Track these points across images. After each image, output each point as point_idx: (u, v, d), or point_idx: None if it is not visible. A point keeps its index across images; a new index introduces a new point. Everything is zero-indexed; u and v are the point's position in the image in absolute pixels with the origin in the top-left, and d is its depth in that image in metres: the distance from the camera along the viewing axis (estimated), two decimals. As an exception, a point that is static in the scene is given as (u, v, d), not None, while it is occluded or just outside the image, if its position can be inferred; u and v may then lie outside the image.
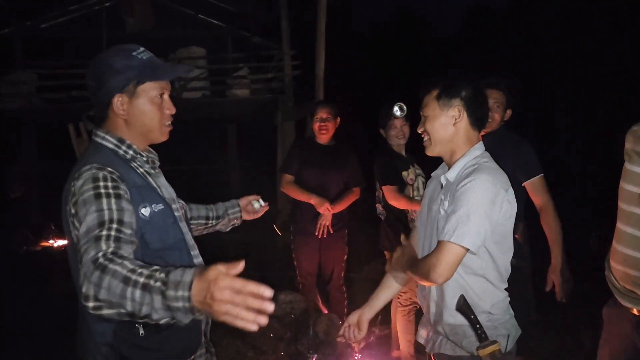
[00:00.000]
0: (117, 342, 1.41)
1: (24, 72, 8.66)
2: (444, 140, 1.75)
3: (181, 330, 1.41)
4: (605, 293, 1.99)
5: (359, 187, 3.66)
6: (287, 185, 3.63)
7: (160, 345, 1.45)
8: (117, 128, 1.53)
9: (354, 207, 3.72)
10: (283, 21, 8.78)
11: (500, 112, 2.66)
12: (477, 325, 1.60)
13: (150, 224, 1.45)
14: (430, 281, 1.63)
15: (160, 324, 1.18)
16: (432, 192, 1.87)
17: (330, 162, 3.60)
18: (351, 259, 3.82)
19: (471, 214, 1.58)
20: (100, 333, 1.41)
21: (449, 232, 1.59)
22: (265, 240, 7.61)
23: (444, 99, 1.73)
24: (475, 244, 1.58)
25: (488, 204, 1.61)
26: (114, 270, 1.16)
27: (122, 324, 1.37)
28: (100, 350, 1.43)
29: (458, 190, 1.64)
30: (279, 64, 9.11)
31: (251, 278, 1.08)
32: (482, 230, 1.59)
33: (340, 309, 3.68)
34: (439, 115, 1.73)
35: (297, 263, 3.67)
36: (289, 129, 8.72)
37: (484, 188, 1.61)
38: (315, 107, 3.69)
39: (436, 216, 1.75)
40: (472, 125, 1.74)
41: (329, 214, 3.46)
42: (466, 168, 1.70)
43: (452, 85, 1.74)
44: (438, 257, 1.59)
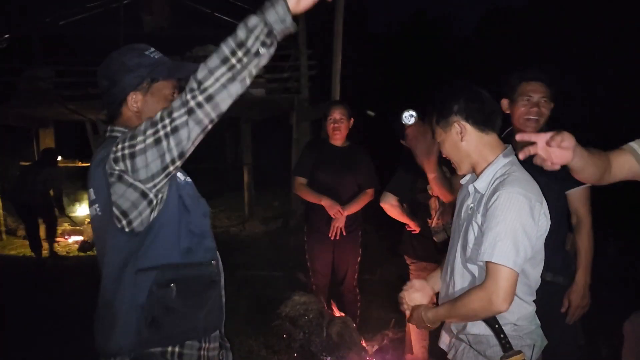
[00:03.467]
0: (150, 302, 1.45)
1: (42, 68, 8.76)
2: (463, 157, 1.72)
3: (207, 300, 1.55)
4: (624, 301, 1.93)
5: (372, 189, 3.62)
6: (300, 188, 3.60)
7: (190, 312, 1.51)
8: (132, 124, 1.55)
9: (368, 208, 3.68)
10: (300, 21, 8.77)
11: (548, 106, 2.34)
12: (501, 334, 1.57)
13: (185, 189, 1.55)
14: (495, 312, 1.55)
15: (191, 289, 1.46)
16: (462, 199, 1.83)
17: (343, 163, 3.57)
18: (364, 260, 3.78)
19: (510, 231, 1.52)
20: (135, 295, 1.45)
21: (487, 252, 1.53)
22: (278, 240, 7.62)
23: (442, 122, 1.72)
24: (517, 263, 1.52)
25: (526, 219, 1.55)
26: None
27: (157, 284, 1.45)
28: (129, 319, 1.46)
29: (491, 205, 1.57)
30: (295, 64, 9.11)
31: (263, 278, 1.07)
32: (522, 248, 1.53)
33: (354, 310, 3.65)
34: (446, 137, 1.73)
35: (311, 264, 3.65)
36: (305, 129, 8.72)
37: (519, 203, 1.54)
38: (329, 108, 3.65)
39: (464, 225, 1.72)
40: (481, 131, 1.68)
41: (342, 217, 3.43)
42: (496, 178, 1.63)
43: (443, 105, 1.72)
44: (493, 285, 1.52)
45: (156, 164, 1.38)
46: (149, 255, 1.46)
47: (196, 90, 1.32)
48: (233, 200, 11.38)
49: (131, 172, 1.38)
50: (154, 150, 1.36)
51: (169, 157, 1.38)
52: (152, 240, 1.46)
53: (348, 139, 3.65)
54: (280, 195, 10.72)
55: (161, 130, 1.36)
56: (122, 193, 1.41)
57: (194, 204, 1.56)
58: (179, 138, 1.35)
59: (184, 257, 1.50)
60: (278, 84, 9.38)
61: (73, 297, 4.78)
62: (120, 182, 1.40)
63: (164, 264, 1.47)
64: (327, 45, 7.58)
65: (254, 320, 3.93)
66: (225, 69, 1.32)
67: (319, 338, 2.93)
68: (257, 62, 1.35)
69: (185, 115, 1.33)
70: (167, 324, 1.47)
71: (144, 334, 1.46)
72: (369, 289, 4.60)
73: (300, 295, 3.06)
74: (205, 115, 1.34)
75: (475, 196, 1.70)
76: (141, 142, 1.37)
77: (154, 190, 1.42)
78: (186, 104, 1.33)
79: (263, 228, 9.00)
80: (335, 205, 3.42)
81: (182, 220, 1.51)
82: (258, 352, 3.52)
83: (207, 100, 1.33)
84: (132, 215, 1.42)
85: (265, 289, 5.09)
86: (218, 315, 1.64)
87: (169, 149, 1.36)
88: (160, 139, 1.36)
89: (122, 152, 1.39)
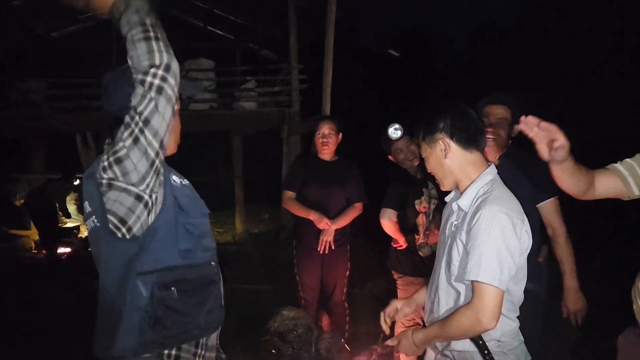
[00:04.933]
0: (152, 303, 1.46)
1: (34, 80, 8.75)
2: (446, 173, 1.74)
3: (208, 299, 1.58)
4: (610, 316, 1.96)
5: (361, 203, 3.64)
6: (288, 202, 3.61)
7: (192, 310, 1.52)
8: None
9: (357, 222, 3.70)
10: (291, 36, 8.86)
11: (506, 128, 2.51)
12: (485, 351, 1.59)
13: (182, 191, 1.57)
14: (482, 330, 1.57)
15: (191, 289, 1.50)
16: (447, 216, 1.86)
17: (332, 178, 3.58)
18: (353, 275, 3.79)
19: (493, 250, 1.54)
20: (136, 298, 1.46)
21: (473, 271, 1.55)
22: (268, 254, 7.61)
23: (427, 138, 1.75)
24: (502, 282, 1.54)
25: (509, 237, 1.57)
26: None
27: (158, 286, 1.47)
28: (131, 321, 1.46)
29: (474, 224, 1.59)
30: (286, 78, 9.18)
31: (253, 292, 1.10)
32: (506, 266, 1.56)
33: (342, 324, 3.65)
34: (430, 153, 1.75)
35: (299, 278, 3.65)
36: (295, 143, 8.76)
37: (502, 221, 1.56)
38: (317, 123, 3.66)
39: (449, 242, 1.74)
40: (465, 149, 1.71)
41: (331, 230, 3.45)
42: (478, 196, 1.66)
43: (429, 122, 1.75)
44: (480, 303, 1.54)
45: (143, 162, 1.40)
46: (149, 258, 1.47)
47: (155, 68, 1.37)
48: (223, 213, 11.35)
49: (122, 176, 1.40)
50: (136, 150, 1.39)
51: (152, 152, 1.40)
52: (150, 244, 1.47)
53: (337, 154, 3.68)
54: (271, 208, 10.71)
55: (135, 127, 1.38)
56: (116, 199, 1.42)
57: (192, 205, 1.58)
58: (154, 128, 1.39)
59: (184, 259, 1.52)
60: (269, 97, 9.44)
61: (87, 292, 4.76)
62: (112, 189, 1.42)
63: (164, 266, 1.48)
64: (318, 60, 7.65)
65: (243, 335, 3.91)
66: (153, 40, 1.39)
67: (307, 353, 2.92)
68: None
69: (152, 102, 1.37)
70: (170, 323, 1.48)
71: (148, 334, 1.46)
72: (358, 303, 4.59)
73: (289, 310, 3.05)
74: (170, 86, 1.39)
75: (459, 214, 1.72)
76: (122, 148, 1.39)
77: (147, 191, 1.43)
78: (150, 88, 1.37)
79: (253, 241, 8.98)
80: (323, 218, 3.43)
81: (179, 221, 1.52)
82: (247, 368, 3.51)
83: (166, 70, 1.38)
84: (131, 221, 1.43)
85: (254, 303, 5.07)
86: (219, 313, 1.65)
87: (148, 143, 1.39)
88: (137, 137, 1.38)
89: (109, 161, 1.41)
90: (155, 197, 1.46)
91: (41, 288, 5.77)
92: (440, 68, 18.62)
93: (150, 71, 1.36)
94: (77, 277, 5.55)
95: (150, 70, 1.36)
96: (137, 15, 1.40)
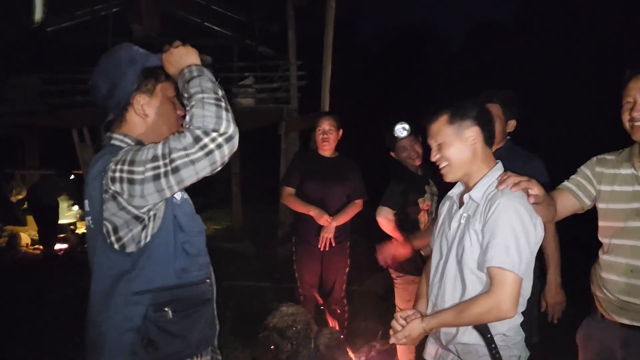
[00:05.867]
0: (145, 325, 1.44)
1: (28, 76, 8.68)
2: (464, 163, 1.73)
3: (201, 319, 1.55)
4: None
5: (361, 200, 3.62)
6: (288, 198, 3.59)
7: (185, 331, 1.50)
8: (135, 130, 1.54)
9: (356, 219, 3.68)
10: (290, 32, 8.82)
11: (498, 125, 2.54)
12: (492, 344, 1.59)
13: (181, 208, 1.52)
14: (504, 318, 1.58)
15: (185, 310, 1.47)
16: (448, 210, 1.85)
17: (332, 174, 3.57)
18: (353, 271, 3.77)
19: (513, 238, 1.56)
20: (129, 318, 1.44)
21: (495, 258, 1.55)
22: (266, 251, 7.58)
23: (457, 122, 1.72)
24: (520, 269, 1.56)
25: (527, 226, 1.59)
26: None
27: (152, 307, 1.44)
28: (124, 340, 1.44)
29: (492, 213, 1.60)
30: (284, 74, 9.14)
31: (251, 289, 1.08)
32: (524, 254, 1.57)
33: (341, 321, 3.63)
34: (455, 139, 1.72)
35: (299, 275, 3.63)
36: (293, 139, 8.73)
37: (520, 212, 1.59)
38: (318, 119, 3.66)
39: (457, 233, 1.73)
40: (486, 143, 1.75)
41: (332, 227, 3.42)
42: (491, 189, 1.68)
43: (461, 107, 1.74)
44: (501, 292, 1.54)
45: (153, 197, 1.36)
46: (144, 277, 1.44)
47: (218, 134, 1.34)
48: (220, 210, 11.32)
49: (127, 196, 1.36)
50: (152, 185, 1.34)
51: (168, 193, 1.37)
52: (145, 262, 1.44)
53: (337, 150, 3.66)
54: (269, 205, 10.68)
55: (161, 168, 1.33)
56: (115, 212, 1.39)
57: (190, 223, 1.55)
58: (181, 177, 1.34)
59: (179, 278, 1.49)
60: (267, 94, 9.40)
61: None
62: (114, 201, 1.38)
63: (159, 286, 1.45)
64: (317, 57, 7.62)
65: (241, 331, 3.89)
66: (224, 109, 1.38)
67: (306, 349, 2.91)
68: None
69: (190, 158, 1.32)
70: (163, 345, 1.46)
71: (140, 355, 1.44)
72: (357, 300, 4.58)
73: (287, 306, 3.03)
74: (221, 156, 1.36)
75: (470, 204, 1.72)
76: (140, 173, 1.34)
77: (147, 214, 1.40)
78: (202, 148, 1.32)
79: (250, 238, 8.95)
80: (324, 214, 3.41)
81: (177, 240, 1.49)
82: (245, 365, 3.49)
83: (227, 140, 1.35)
84: (122, 232, 1.40)
85: (252, 299, 5.05)
86: (211, 330, 1.63)
87: (169, 187, 1.35)
88: (159, 176, 1.33)
89: (120, 175, 1.36)
90: (155, 214, 1.43)
91: (38, 285, 5.74)
92: (439, 65, 18.62)
93: (211, 134, 1.32)
94: (73, 274, 5.51)
95: (212, 134, 1.32)
96: (212, 84, 1.42)
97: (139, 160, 1.35)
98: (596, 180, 1.95)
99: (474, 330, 1.62)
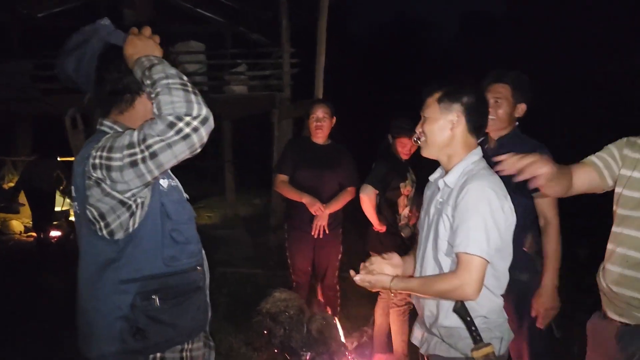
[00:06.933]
0: (133, 313, 1.45)
1: (20, 61, 8.58)
2: (440, 143, 1.76)
3: (192, 306, 1.55)
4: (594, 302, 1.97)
5: (354, 187, 3.65)
6: (281, 185, 3.61)
7: (176, 319, 1.50)
8: (127, 119, 1.53)
9: (349, 207, 3.71)
10: (283, 19, 8.76)
11: (505, 107, 2.43)
12: (472, 327, 1.63)
13: (168, 196, 1.52)
14: (465, 298, 1.63)
15: (174, 298, 1.47)
16: (430, 195, 1.88)
17: (325, 161, 3.59)
18: (345, 259, 3.81)
19: (481, 222, 1.60)
20: (117, 306, 1.45)
21: (463, 243, 1.60)
22: (259, 238, 7.61)
23: (445, 103, 1.74)
24: (488, 254, 1.60)
25: (496, 211, 1.62)
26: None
27: (140, 295, 1.44)
28: (113, 328, 1.45)
29: (462, 198, 1.64)
30: (277, 62, 9.09)
31: (244, 276, 1.10)
32: (492, 238, 1.61)
33: (333, 307, 3.68)
34: (438, 118, 1.75)
35: (291, 261, 3.66)
36: (286, 127, 8.71)
37: (489, 196, 1.62)
38: (311, 106, 3.68)
39: (434, 219, 1.77)
40: (470, 132, 1.76)
41: (325, 214, 3.45)
42: (465, 174, 1.71)
43: (454, 89, 1.75)
44: (467, 275, 1.59)
45: (135, 182, 1.36)
46: (131, 266, 1.44)
47: (191, 118, 1.32)
48: (213, 198, 11.31)
49: (109, 182, 1.36)
50: (131, 171, 1.34)
51: (149, 177, 1.36)
52: (132, 251, 1.44)
53: (330, 138, 3.68)
54: (261, 193, 10.69)
55: (138, 154, 1.32)
56: (100, 198, 1.39)
57: (178, 210, 1.54)
58: (159, 162, 1.33)
59: (168, 266, 1.49)
60: (260, 81, 9.35)
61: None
62: (98, 187, 1.38)
63: (147, 274, 1.46)
64: (310, 44, 7.58)
65: (234, 317, 3.92)
66: (192, 93, 1.36)
67: (299, 334, 2.94)
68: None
69: (166, 142, 1.31)
70: (152, 333, 1.47)
71: (129, 343, 1.45)
72: (349, 286, 4.61)
73: (280, 291, 3.06)
74: (199, 138, 1.35)
75: (445, 190, 1.76)
76: (118, 160, 1.34)
77: (132, 198, 1.40)
78: (178, 132, 1.31)
79: (243, 226, 8.97)
80: (316, 202, 3.44)
81: (165, 228, 1.49)
82: (238, 349, 3.53)
83: (202, 122, 1.34)
84: (110, 219, 1.40)
85: (245, 286, 5.08)
86: (203, 317, 1.64)
87: (148, 171, 1.34)
88: (136, 163, 1.33)
89: (100, 161, 1.36)
90: (142, 201, 1.43)
91: (31, 272, 5.73)
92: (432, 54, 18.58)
93: (185, 119, 1.31)
94: (67, 261, 5.51)
95: (185, 118, 1.31)
96: (174, 70, 1.40)
97: (117, 146, 1.35)
98: (621, 161, 1.84)
99: (454, 314, 1.67)
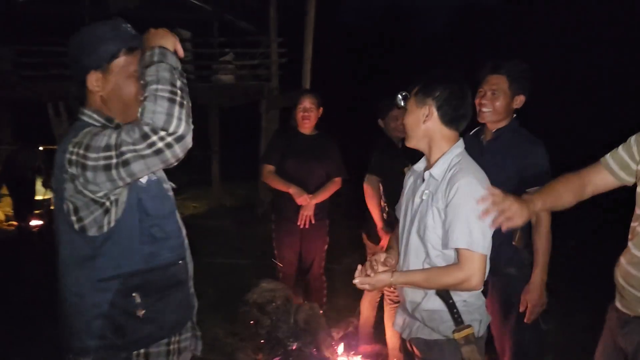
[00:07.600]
0: (113, 311, 1.43)
1: (1, 47, 8.40)
2: (416, 135, 1.83)
3: (174, 301, 1.54)
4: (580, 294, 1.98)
5: (340, 178, 3.65)
6: (268, 176, 3.60)
7: (157, 315, 1.49)
8: (101, 109, 1.50)
9: (336, 197, 3.70)
10: (271, 8, 8.68)
11: (502, 99, 2.38)
12: (454, 309, 1.71)
13: (147, 191, 1.48)
14: (471, 290, 1.72)
15: (156, 293, 1.45)
16: (412, 184, 1.92)
17: (311, 152, 3.58)
18: (331, 250, 3.82)
19: (475, 218, 1.65)
20: (96, 304, 1.43)
21: (463, 240, 1.66)
22: (246, 229, 7.59)
23: (419, 97, 1.81)
24: (485, 247, 1.68)
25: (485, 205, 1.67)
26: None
27: (119, 293, 1.43)
28: (93, 325, 1.44)
29: (454, 195, 1.68)
30: (265, 51, 9.02)
31: (231, 266, 1.08)
32: (487, 233, 1.69)
33: (320, 298, 3.68)
34: (414, 111, 1.82)
35: (278, 252, 3.66)
36: (274, 117, 8.68)
37: (478, 191, 1.67)
38: (299, 96, 3.66)
39: (419, 208, 1.81)
40: (446, 125, 1.79)
41: (311, 204, 3.45)
42: (451, 167, 1.75)
43: (428, 84, 1.80)
44: (471, 269, 1.66)
45: (106, 185, 1.34)
46: (109, 264, 1.42)
47: (166, 134, 1.29)
48: (200, 188, 11.24)
49: (82, 180, 1.34)
50: (103, 174, 1.32)
51: (121, 183, 1.35)
52: (110, 249, 1.42)
53: (317, 128, 3.66)
54: (248, 183, 10.66)
55: (112, 159, 1.30)
56: (73, 194, 1.37)
57: (157, 205, 1.51)
58: (132, 171, 1.32)
59: (147, 263, 1.47)
60: (248, 70, 9.27)
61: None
62: (72, 183, 1.36)
63: (126, 272, 1.44)
64: (299, 34, 7.54)
65: (220, 307, 3.91)
66: (177, 105, 1.32)
67: (285, 324, 2.95)
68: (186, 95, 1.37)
69: (139, 154, 1.29)
70: (133, 330, 1.45)
71: (110, 339, 1.44)
72: (336, 278, 4.63)
73: (267, 282, 3.06)
74: (173, 155, 1.32)
75: (431, 181, 1.80)
76: (93, 160, 1.32)
77: (105, 197, 1.38)
78: (150, 146, 1.28)
79: (230, 216, 8.94)
80: (303, 194, 3.43)
81: (143, 225, 1.46)
82: (224, 339, 3.51)
83: (177, 140, 1.30)
84: (83, 214, 1.38)
85: (232, 276, 5.07)
86: (187, 310, 1.62)
87: (120, 178, 1.33)
88: (109, 167, 1.31)
89: (76, 158, 1.34)
90: (116, 198, 1.40)
91: (12, 261, 5.66)
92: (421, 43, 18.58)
93: (160, 133, 1.28)
94: (48, 250, 5.44)
95: (160, 132, 1.28)
96: (169, 73, 1.35)
97: (94, 146, 1.33)
98: (639, 157, 1.77)
99: (437, 297, 1.74)
